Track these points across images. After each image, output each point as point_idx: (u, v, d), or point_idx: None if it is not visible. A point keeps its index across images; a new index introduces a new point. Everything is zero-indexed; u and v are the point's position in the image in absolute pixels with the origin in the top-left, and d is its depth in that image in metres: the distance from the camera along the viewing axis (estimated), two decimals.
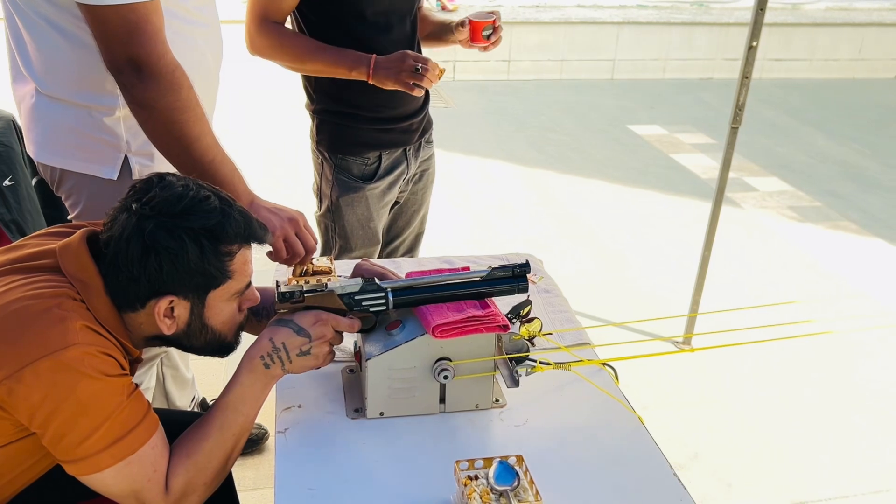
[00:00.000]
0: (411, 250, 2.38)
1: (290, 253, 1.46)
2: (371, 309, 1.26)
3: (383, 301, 1.26)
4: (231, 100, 6.02)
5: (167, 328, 1.16)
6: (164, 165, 1.57)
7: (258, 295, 1.27)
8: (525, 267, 1.31)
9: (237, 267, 1.17)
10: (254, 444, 2.38)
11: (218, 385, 2.65)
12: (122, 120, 1.56)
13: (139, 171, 1.60)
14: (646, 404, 2.70)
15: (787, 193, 4.79)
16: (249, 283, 1.23)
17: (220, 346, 1.25)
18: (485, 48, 2.04)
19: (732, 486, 2.37)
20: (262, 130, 5.39)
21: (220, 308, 1.19)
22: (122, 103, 1.50)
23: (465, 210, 4.31)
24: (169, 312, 1.15)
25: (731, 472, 2.43)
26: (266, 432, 2.43)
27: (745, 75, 2.61)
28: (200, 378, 2.71)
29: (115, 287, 1.13)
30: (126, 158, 1.59)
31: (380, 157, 2.06)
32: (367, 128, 2.02)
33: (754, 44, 2.55)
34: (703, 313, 2.98)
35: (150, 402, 2.00)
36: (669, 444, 2.53)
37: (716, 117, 6.28)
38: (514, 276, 1.31)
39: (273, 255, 1.47)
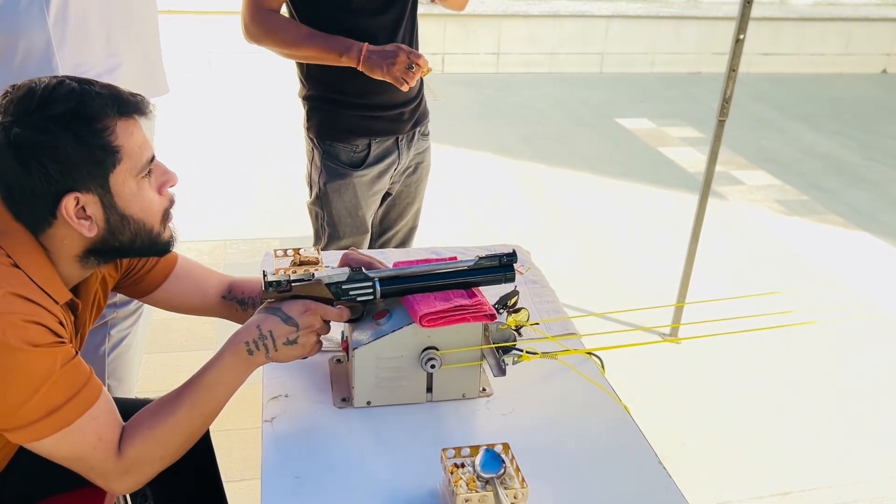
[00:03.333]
0: (404, 243, 2.38)
1: None
2: (358, 298, 1.26)
3: (371, 290, 1.26)
4: (233, 89, 6.00)
5: (87, 230, 1.10)
6: None
7: (175, 174, 1.19)
8: (511, 256, 1.31)
9: (122, 141, 1.09)
10: None
11: None
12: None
13: None
14: (633, 394, 2.70)
15: (774, 187, 4.82)
16: (153, 158, 1.15)
17: (151, 240, 1.18)
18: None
19: (719, 476, 2.39)
20: (261, 119, 5.37)
21: (131, 191, 1.12)
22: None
23: (453, 203, 4.31)
24: (81, 213, 1.09)
25: (717, 463, 2.45)
26: None
27: (733, 68, 2.62)
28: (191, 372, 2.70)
29: (20, 211, 1.09)
30: None
31: (369, 145, 2.05)
32: (355, 114, 2.02)
33: (741, 37, 2.56)
34: (688, 303, 3.00)
35: (135, 361, 1.92)
36: (656, 433, 2.53)
37: (704, 111, 6.30)
38: (501, 266, 1.31)
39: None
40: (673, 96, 6.77)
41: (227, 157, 4.73)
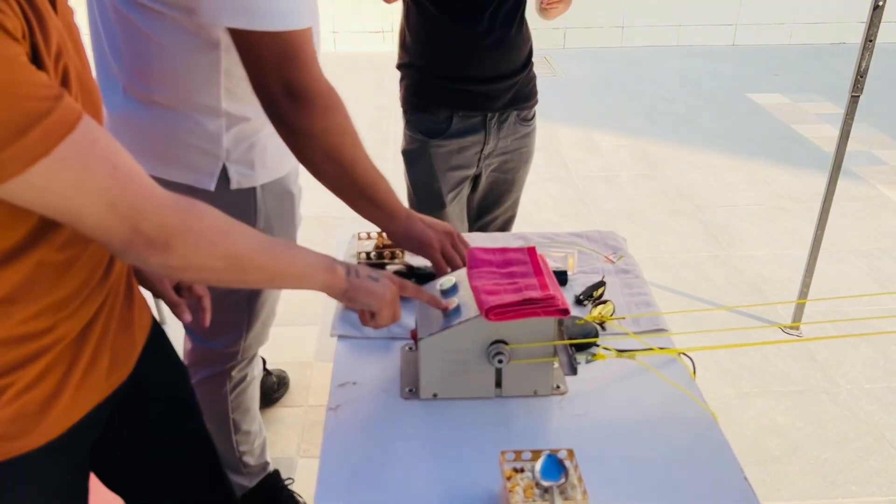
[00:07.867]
0: (501, 231, 2.32)
1: (449, 264, 1.44)
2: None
3: None
4: (343, 67, 6.08)
5: None
6: (264, 174, 1.51)
7: None
8: None
9: None
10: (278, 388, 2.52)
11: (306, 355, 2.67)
12: (225, 127, 1.42)
13: (238, 181, 1.48)
14: (745, 391, 2.55)
15: None
16: None
17: None
18: (543, 11, 1.96)
19: (836, 484, 2.21)
20: (372, 98, 5.43)
21: None
22: (224, 110, 1.41)
23: (564, 181, 4.18)
24: None
25: (834, 469, 2.26)
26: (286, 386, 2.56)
27: (870, 38, 2.37)
28: (291, 348, 2.75)
29: None
30: (224, 167, 1.46)
31: (451, 118, 2.01)
32: (439, 84, 1.99)
33: (881, 3, 2.31)
34: (812, 300, 2.78)
35: (257, 391, 1.95)
36: (768, 434, 2.37)
37: (846, 85, 5.80)
38: None
39: (435, 269, 1.44)
40: (812, 69, 6.30)
41: None
